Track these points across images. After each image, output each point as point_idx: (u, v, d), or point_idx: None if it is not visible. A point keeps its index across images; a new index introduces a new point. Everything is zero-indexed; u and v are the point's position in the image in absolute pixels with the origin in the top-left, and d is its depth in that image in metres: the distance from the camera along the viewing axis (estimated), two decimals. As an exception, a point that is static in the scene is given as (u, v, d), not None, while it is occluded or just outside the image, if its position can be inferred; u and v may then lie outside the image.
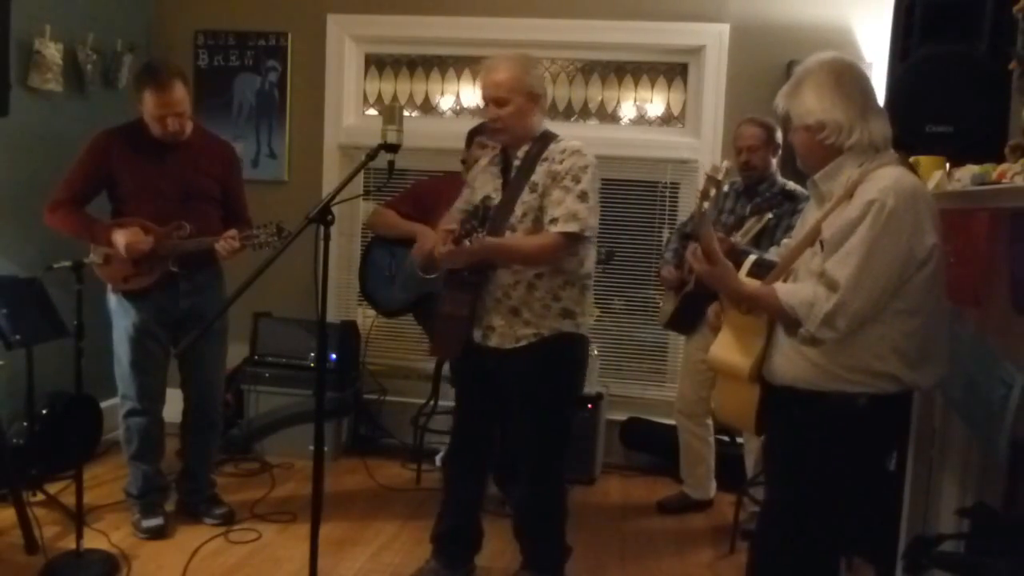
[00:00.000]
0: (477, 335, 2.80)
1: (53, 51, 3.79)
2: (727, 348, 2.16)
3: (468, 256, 2.59)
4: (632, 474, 4.30)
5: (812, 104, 2.00)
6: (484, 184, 2.84)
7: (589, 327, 2.87)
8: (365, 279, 3.92)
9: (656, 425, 4.30)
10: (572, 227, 2.62)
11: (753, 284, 2.06)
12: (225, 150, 3.43)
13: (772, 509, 2.22)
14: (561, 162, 2.67)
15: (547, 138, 2.76)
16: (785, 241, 2.43)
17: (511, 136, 2.74)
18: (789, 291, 1.98)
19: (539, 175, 2.69)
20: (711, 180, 2.02)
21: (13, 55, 3.32)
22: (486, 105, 2.73)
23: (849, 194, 1.96)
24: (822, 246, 1.98)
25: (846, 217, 1.93)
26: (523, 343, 2.73)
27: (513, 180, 2.75)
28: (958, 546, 2.11)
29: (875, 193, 1.89)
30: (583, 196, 2.64)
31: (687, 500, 3.84)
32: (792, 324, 1.97)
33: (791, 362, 2.03)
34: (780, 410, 2.10)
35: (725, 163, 2.12)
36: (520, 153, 2.75)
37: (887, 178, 1.93)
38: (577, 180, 2.64)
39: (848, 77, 2.02)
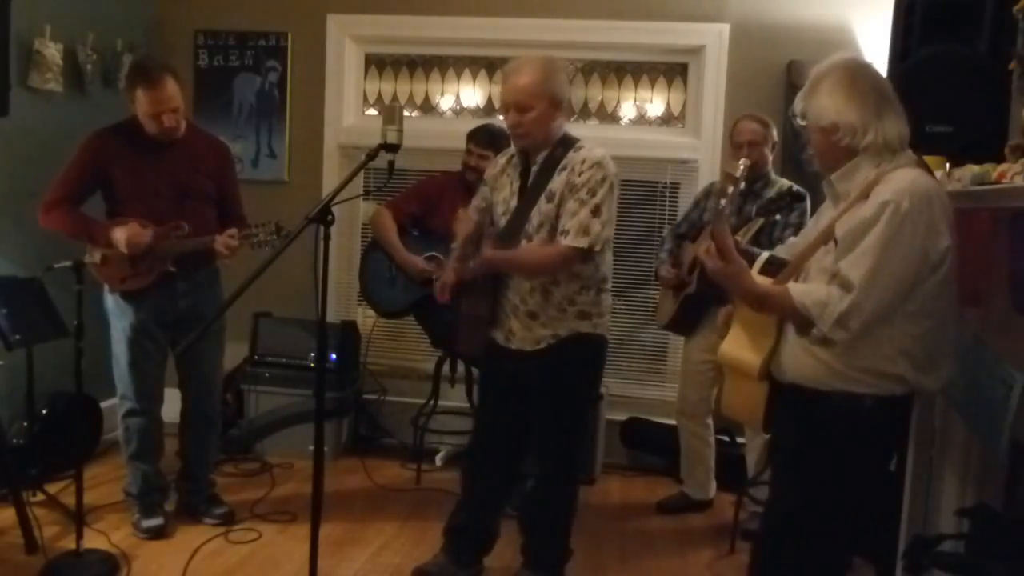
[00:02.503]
0: (500, 337, 2.83)
1: (53, 51, 3.78)
2: (737, 345, 2.15)
3: (474, 272, 2.72)
4: (632, 474, 4.30)
5: (826, 105, 2.00)
6: (502, 187, 2.84)
7: (607, 327, 2.87)
8: (365, 280, 3.92)
9: (656, 425, 4.30)
10: (582, 242, 2.63)
11: (766, 283, 2.05)
12: (220, 148, 3.43)
13: (776, 508, 2.22)
14: (580, 173, 2.65)
15: (567, 143, 2.73)
16: (793, 239, 2.42)
17: (532, 142, 2.71)
18: (803, 291, 1.97)
19: (557, 184, 2.68)
20: (729, 177, 2.02)
21: (13, 55, 3.31)
22: (507, 110, 2.68)
23: (865, 195, 1.96)
24: (835, 244, 1.97)
25: (860, 217, 1.92)
26: (543, 344, 2.76)
27: (531, 187, 2.74)
28: (958, 546, 2.11)
29: (890, 195, 1.89)
30: (596, 210, 2.63)
31: (687, 500, 3.84)
32: (805, 324, 1.96)
33: (799, 360, 2.02)
34: (787, 408, 2.10)
35: (743, 162, 2.12)
36: (540, 158, 2.74)
37: (903, 180, 1.92)
38: (593, 193, 2.63)
39: (862, 78, 2.02)
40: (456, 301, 2.91)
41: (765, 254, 2.22)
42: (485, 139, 3.64)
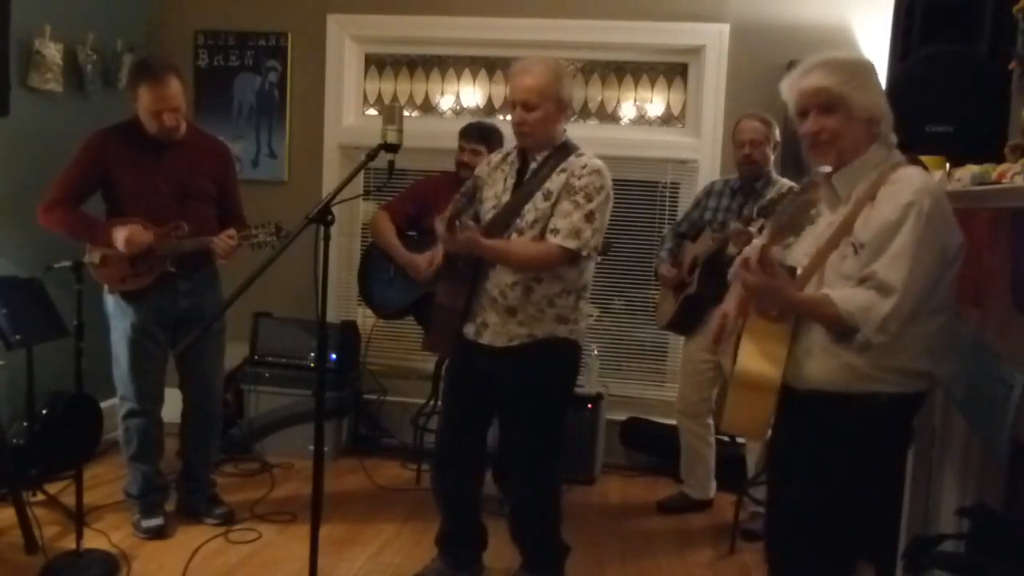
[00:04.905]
0: (470, 330, 2.79)
1: (53, 51, 3.78)
2: (754, 358, 2.08)
3: (461, 247, 2.65)
4: (632, 474, 4.30)
5: (877, 98, 2.02)
6: (495, 181, 2.83)
7: (583, 334, 2.86)
8: (365, 282, 3.92)
9: (656, 425, 4.30)
10: (571, 243, 2.63)
11: (806, 293, 1.99)
12: (220, 149, 3.43)
13: (798, 510, 2.14)
14: (580, 177, 2.66)
15: (569, 149, 2.74)
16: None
17: (534, 141, 2.72)
18: (844, 297, 1.92)
19: (555, 184, 2.68)
20: (813, 185, 1.97)
21: (13, 55, 3.32)
22: (513, 107, 2.70)
23: (871, 195, 1.95)
24: (855, 249, 1.95)
25: (883, 220, 1.91)
26: (516, 343, 2.73)
27: (527, 183, 2.73)
28: (958, 546, 2.11)
29: (911, 195, 1.89)
30: (590, 216, 2.64)
31: (687, 500, 3.84)
32: (847, 331, 1.91)
33: (823, 366, 2.00)
34: (802, 414, 2.06)
35: (824, 168, 2.06)
36: (539, 157, 2.74)
37: (916, 179, 1.94)
38: (589, 198, 2.64)
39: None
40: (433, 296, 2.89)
41: None
42: (476, 134, 3.65)
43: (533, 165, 2.75)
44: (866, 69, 2.06)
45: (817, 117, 2.02)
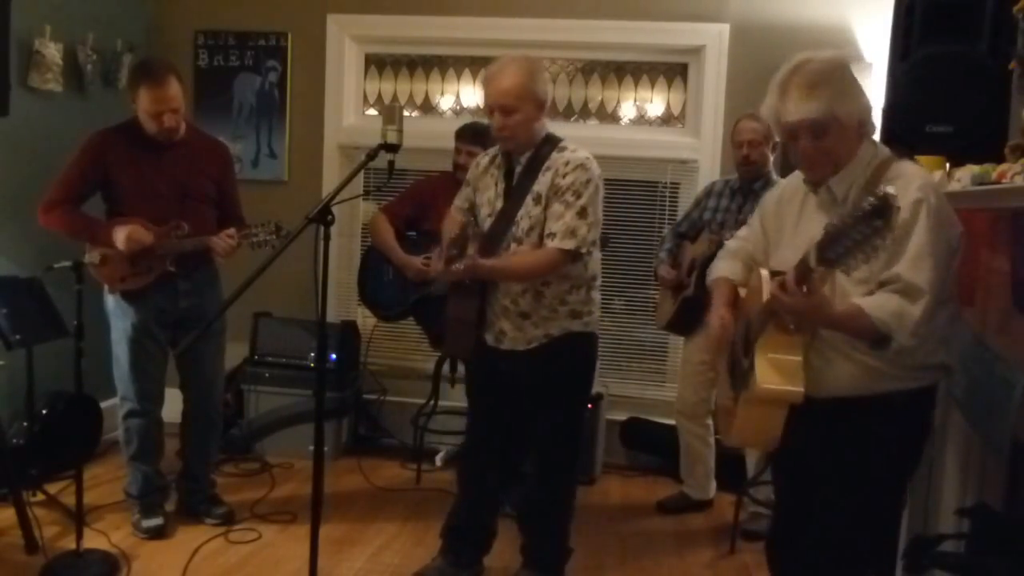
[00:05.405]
0: (490, 338, 2.82)
1: (53, 51, 3.78)
2: (772, 374, 2.00)
3: (461, 276, 2.67)
4: (632, 474, 4.30)
5: (861, 97, 1.97)
6: (486, 187, 2.83)
7: (598, 323, 2.88)
8: (364, 284, 3.93)
9: (656, 425, 4.30)
10: (569, 244, 2.63)
11: (840, 306, 1.91)
12: (220, 149, 3.43)
13: (831, 516, 2.08)
14: (564, 175, 2.65)
15: (551, 143, 2.73)
16: (743, 234, 2.39)
17: (517, 144, 2.71)
18: (875, 306, 1.86)
19: (542, 185, 2.68)
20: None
21: (13, 55, 3.32)
22: (490, 112, 2.68)
23: (869, 193, 1.94)
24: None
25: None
26: (535, 344, 2.76)
27: (515, 188, 2.73)
28: (958, 546, 2.11)
29: (917, 192, 1.87)
30: (583, 212, 2.63)
31: (687, 500, 3.84)
32: (882, 340, 1.86)
33: (842, 371, 1.98)
34: (822, 421, 2.03)
35: (889, 189, 2.00)
36: (524, 159, 2.73)
37: (916, 175, 1.92)
38: (578, 195, 2.63)
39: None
40: (445, 303, 2.90)
41: (764, 271, 2.15)
42: (471, 135, 3.64)
43: (519, 168, 2.74)
44: (846, 73, 1.98)
45: (810, 143, 1.96)
